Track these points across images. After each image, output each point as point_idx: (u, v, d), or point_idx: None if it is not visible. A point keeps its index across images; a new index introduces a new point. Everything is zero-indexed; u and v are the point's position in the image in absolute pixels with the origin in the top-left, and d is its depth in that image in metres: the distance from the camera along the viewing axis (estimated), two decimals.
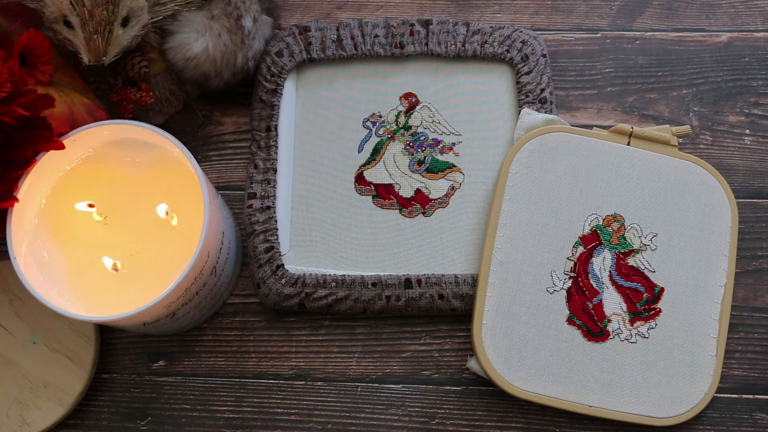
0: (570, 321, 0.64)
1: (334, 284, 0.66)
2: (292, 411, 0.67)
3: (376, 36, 0.71)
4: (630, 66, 0.73)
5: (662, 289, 0.65)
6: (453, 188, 0.69)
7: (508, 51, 0.71)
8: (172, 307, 0.59)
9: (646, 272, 0.65)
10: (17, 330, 0.66)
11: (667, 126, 0.68)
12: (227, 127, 0.73)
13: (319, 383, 0.67)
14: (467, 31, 0.71)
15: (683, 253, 0.66)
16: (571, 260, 0.65)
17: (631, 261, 0.65)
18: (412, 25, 0.71)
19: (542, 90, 0.70)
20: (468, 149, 0.70)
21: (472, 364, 0.64)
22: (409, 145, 0.70)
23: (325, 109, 0.71)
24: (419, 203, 0.69)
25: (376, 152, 0.70)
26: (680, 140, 0.70)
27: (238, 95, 0.73)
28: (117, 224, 0.63)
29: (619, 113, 0.72)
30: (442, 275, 0.67)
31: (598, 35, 0.74)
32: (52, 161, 0.60)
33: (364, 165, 0.70)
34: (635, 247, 0.66)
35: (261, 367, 0.67)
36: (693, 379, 0.64)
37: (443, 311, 0.67)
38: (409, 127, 0.71)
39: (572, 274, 0.65)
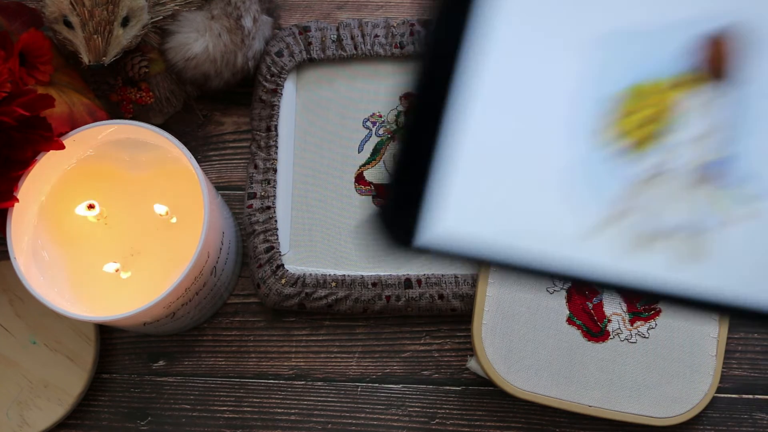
0: (570, 321, 0.64)
1: (334, 284, 0.66)
2: (292, 411, 0.67)
3: (376, 36, 0.71)
4: None
5: None
6: None
7: None
8: (172, 307, 0.59)
9: None
10: (17, 330, 0.66)
11: None
12: (227, 127, 0.73)
13: (319, 383, 0.67)
14: None
15: None
16: None
17: None
18: (412, 25, 0.71)
19: None
20: None
21: (472, 364, 0.65)
22: None
23: (325, 109, 0.71)
24: None
25: (376, 152, 0.70)
26: None
27: (238, 95, 0.73)
28: (117, 224, 0.63)
29: None
30: (442, 275, 0.67)
31: None
32: (52, 161, 0.60)
33: (364, 165, 0.70)
34: None
35: (261, 367, 0.67)
36: (693, 379, 0.64)
37: (443, 311, 0.67)
38: None
39: None
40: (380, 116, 0.71)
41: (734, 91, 0.29)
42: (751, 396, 0.66)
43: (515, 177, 0.31)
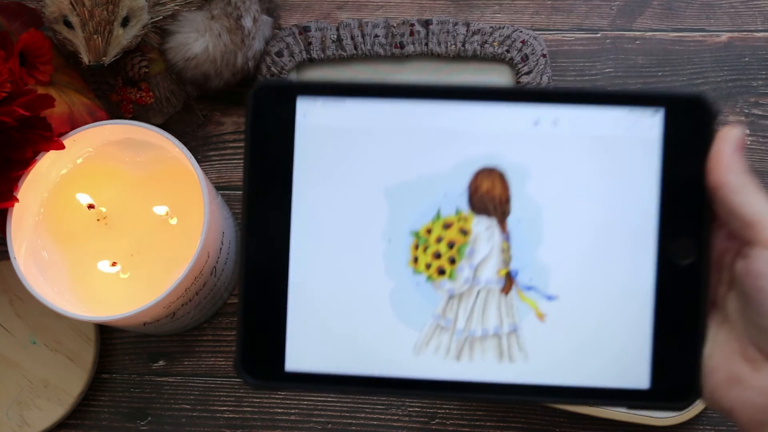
0: None
1: None
2: (292, 411, 0.67)
3: (376, 36, 0.71)
4: (630, 66, 0.73)
5: None
6: None
7: (508, 51, 0.71)
8: (172, 307, 0.59)
9: None
10: (17, 330, 0.66)
11: None
12: (227, 127, 0.73)
13: None
14: (467, 31, 0.71)
15: None
16: None
17: None
18: (412, 25, 0.71)
19: None
20: None
21: None
22: None
23: None
24: None
25: None
26: None
27: (238, 95, 0.73)
28: (117, 224, 0.63)
29: None
30: None
31: (598, 35, 0.74)
32: (52, 161, 0.60)
33: None
34: None
35: None
36: None
37: None
38: None
39: None
40: None
41: (503, 218, 0.37)
42: None
43: (351, 311, 0.38)
